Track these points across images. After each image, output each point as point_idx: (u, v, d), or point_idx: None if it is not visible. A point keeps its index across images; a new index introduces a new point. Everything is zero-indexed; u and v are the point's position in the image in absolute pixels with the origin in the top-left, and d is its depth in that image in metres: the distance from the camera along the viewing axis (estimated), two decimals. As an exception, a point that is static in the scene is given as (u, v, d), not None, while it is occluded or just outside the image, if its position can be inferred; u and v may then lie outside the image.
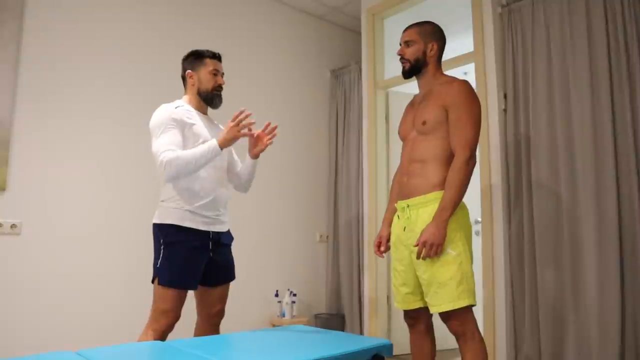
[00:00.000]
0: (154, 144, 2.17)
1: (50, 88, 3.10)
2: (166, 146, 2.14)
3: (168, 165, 2.11)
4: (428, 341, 2.23)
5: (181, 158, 2.12)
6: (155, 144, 2.17)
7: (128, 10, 3.49)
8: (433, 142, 2.12)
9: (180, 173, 2.15)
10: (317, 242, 4.46)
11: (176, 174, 2.14)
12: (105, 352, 1.79)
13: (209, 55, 2.38)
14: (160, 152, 2.13)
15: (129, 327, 2.52)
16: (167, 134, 2.17)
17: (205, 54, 2.38)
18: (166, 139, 2.15)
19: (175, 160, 2.11)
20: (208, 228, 2.26)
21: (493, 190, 3.11)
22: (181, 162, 2.12)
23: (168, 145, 2.14)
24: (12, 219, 2.90)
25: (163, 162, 2.11)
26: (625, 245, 2.54)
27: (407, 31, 2.27)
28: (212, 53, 2.40)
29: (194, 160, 2.14)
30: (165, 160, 2.11)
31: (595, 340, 2.55)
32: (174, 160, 2.11)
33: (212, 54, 2.39)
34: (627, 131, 2.58)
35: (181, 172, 2.15)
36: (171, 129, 2.18)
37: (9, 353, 2.73)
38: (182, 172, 2.15)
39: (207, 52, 2.39)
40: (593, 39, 2.73)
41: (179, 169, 2.13)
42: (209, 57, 2.37)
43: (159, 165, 2.13)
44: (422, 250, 1.99)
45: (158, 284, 2.18)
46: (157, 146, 2.15)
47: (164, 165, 2.11)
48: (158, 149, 2.14)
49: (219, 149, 2.17)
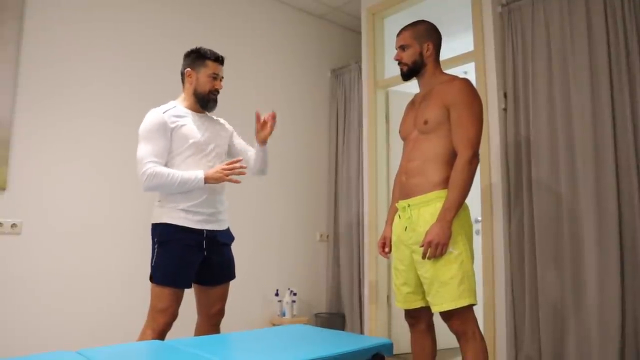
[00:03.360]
0: (139, 151, 2.21)
1: (50, 88, 3.10)
2: (150, 157, 2.18)
3: (150, 178, 2.16)
4: (429, 340, 2.23)
5: (164, 176, 2.17)
6: (140, 152, 2.21)
7: (128, 10, 3.49)
8: (434, 141, 2.12)
9: (158, 189, 2.22)
10: (318, 241, 4.45)
11: (154, 188, 2.21)
12: (105, 351, 1.79)
13: (211, 58, 2.36)
14: (145, 162, 2.17)
15: (128, 326, 2.52)
16: (152, 142, 2.20)
17: (207, 55, 2.36)
18: (149, 149, 2.19)
19: (158, 177, 2.16)
20: (202, 226, 2.27)
21: (493, 189, 3.11)
22: (162, 180, 2.17)
23: (152, 157, 2.18)
24: (13, 219, 2.90)
25: (146, 174, 2.16)
26: (626, 244, 2.54)
27: (401, 35, 2.27)
28: (216, 56, 2.37)
29: (174, 184, 2.19)
30: (148, 172, 2.16)
31: (595, 339, 2.55)
32: (156, 176, 2.16)
33: (215, 57, 2.37)
34: (627, 130, 2.58)
35: (159, 189, 2.22)
36: (156, 138, 2.21)
37: (9, 353, 2.73)
38: (160, 189, 2.22)
39: (210, 54, 2.36)
40: (593, 38, 2.73)
41: (158, 186, 2.19)
42: (210, 60, 2.36)
43: (141, 174, 2.17)
44: (428, 250, 1.99)
45: (153, 283, 2.21)
46: (142, 155, 2.20)
47: (146, 176, 2.16)
48: (142, 158, 2.19)
49: (202, 182, 2.22)
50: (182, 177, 2.19)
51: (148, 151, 2.19)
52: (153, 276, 2.21)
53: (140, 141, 2.23)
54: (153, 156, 2.18)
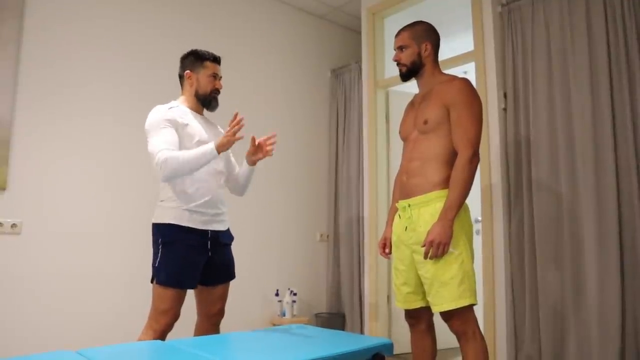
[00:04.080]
0: (150, 143, 2.17)
1: (50, 87, 3.10)
2: (162, 145, 2.14)
3: (164, 165, 2.10)
4: (429, 340, 2.23)
5: (178, 158, 2.12)
6: (151, 143, 2.17)
7: (128, 10, 3.49)
8: (434, 141, 2.12)
9: (177, 173, 2.15)
10: (318, 241, 4.45)
11: (172, 173, 2.14)
12: (105, 351, 1.79)
13: (209, 58, 2.37)
14: (157, 151, 2.13)
15: (128, 326, 2.52)
16: (163, 133, 2.17)
17: (206, 57, 2.36)
18: (162, 138, 2.16)
19: (172, 160, 2.11)
20: (206, 227, 2.26)
21: (493, 189, 3.11)
22: (178, 162, 2.12)
23: (164, 145, 2.14)
24: (13, 219, 2.90)
25: (159, 162, 2.11)
26: (626, 244, 2.54)
27: (399, 36, 2.28)
28: (214, 56, 2.38)
29: (190, 161, 2.14)
30: (161, 159, 2.11)
31: (595, 339, 2.55)
32: (170, 160, 2.11)
33: (212, 57, 2.38)
34: (627, 129, 2.58)
35: (177, 172, 2.15)
36: (166, 128, 2.18)
37: (9, 353, 2.73)
38: (178, 172, 2.15)
39: (208, 54, 2.37)
40: (593, 38, 2.73)
41: (175, 169, 2.12)
42: (209, 60, 2.36)
43: (155, 164, 2.12)
44: (429, 250, 1.99)
45: (156, 284, 2.19)
46: (153, 145, 2.15)
47: (160, 164, 2.11)
48: (154, 149, 2.14)
49: (215, 152, 2.17)
50: (195, 153, 2.14)
51: (159, 141, 2.15)
52: (156, 277, 2.19)
53: (149, 136, 2.19)
54: (165, 145, 2.14)
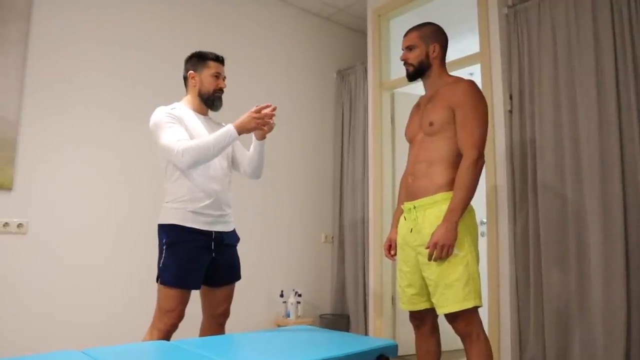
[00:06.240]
0: (163, 138, 2.17)
1: (57, 88, 3.12)
2: (177, 136, 2.15)
3: (185, 153, 2.11)
4: (433, 342, 2.23)
5: (198, 144, 2.13)
6: (164, 138, 2.16)
7: (135, 11, 3.50)
8: (440, 142, 2.12)
9: (199, 159, 2.15)
10: (322, 242, 4.46)
11: (193, 160, 2.14)
12: (111, 351, 1.80)
13: (212, 58, 2.38)
14: (173, 142, 2.13)
15: (134, 326, 2.53)
16: (172, 128, 2.18)
17: (208, 56, 2.38)
18: (172, 132, 2.17)
19: (192, 148, 2.12)
20: (211, 228, 2.27)
21: (498, 191, 3.10)
22: (198, 148, 2.12)
23: (179, 136, 2.15)
24: (19, 219, 2.92)
25: (180, 151, 2.11)
26: (631, 246, 2.53)
27: (408, 36, 2.28)
28: (216, 56, 2.40)
29: (211, 146, 2.14)
30: (181, 148, 2.11)
31: (600, 341, 2.54)
32: (190, 148, 2.11)
33: (215, 56, 2.40)
34: (634, 131, 2.57)
35: (199, 159, 2.15)
36: (174, 124, 2.19)
37: (15, 352, 2.74)
38: (200, 158, 2.14)
39: (210, 54, 2.39)
40: (599, 40, 2.72)
41: (196, 156, 2.13)
42: (212, 60, 2.38)
43: (175, 154, 2.11)
44: (434, 252, 1.98)
45: (160, 284, 2.20)
46: (167, 138, 2.15)
47: (181, 153, 2.11)
48: (169, 141, 2.14)
49: (236, 133, 2.17)
50: (214, 137, 2.15)
51: (171, 134, 2.15)
52: (161, 277, 2.20)
53: (158, 132, 2.19)
54: (178, 136, 2.15)
